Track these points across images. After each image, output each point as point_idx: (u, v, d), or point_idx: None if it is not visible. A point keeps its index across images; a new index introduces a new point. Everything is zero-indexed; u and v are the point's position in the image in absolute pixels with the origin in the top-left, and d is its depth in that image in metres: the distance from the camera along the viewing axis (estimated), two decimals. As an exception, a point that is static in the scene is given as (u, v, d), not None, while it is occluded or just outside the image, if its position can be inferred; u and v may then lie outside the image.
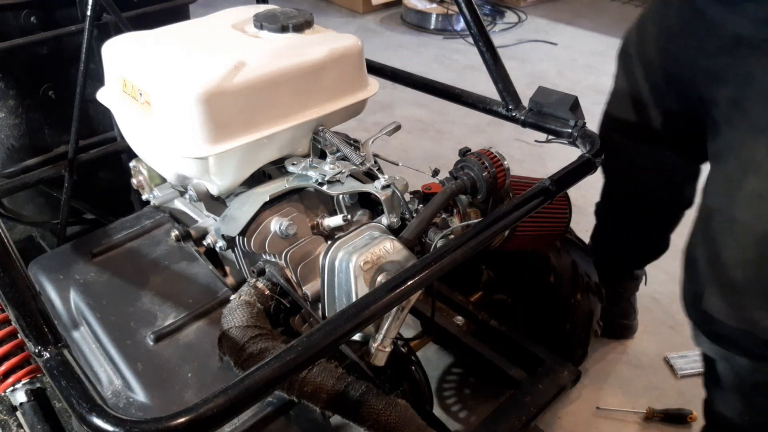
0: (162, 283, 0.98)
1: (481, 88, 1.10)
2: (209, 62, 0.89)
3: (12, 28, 1.27)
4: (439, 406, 1.49)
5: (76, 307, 0.95)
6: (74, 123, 1.17)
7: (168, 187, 1.12)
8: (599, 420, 1.48)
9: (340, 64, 0.96)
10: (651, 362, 1.62)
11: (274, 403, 0.84)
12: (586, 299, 1.34)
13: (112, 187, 1.45)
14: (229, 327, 0.82)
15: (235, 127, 0.88)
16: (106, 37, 1.01)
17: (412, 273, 0.71)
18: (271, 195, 0.93)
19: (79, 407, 0.53)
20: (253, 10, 1.05)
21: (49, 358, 0.57)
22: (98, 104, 1.00)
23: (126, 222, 1.09)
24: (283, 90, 0.91)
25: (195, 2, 1.50)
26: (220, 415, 0.54)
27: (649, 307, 1.79)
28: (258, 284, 0.90)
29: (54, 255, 1.05)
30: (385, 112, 2.74)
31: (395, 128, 1.05)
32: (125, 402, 0.83)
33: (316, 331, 0.62)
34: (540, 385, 1.17)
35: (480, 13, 1.05)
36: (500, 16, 3.86)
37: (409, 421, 0.83)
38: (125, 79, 0.94)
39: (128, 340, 0.89)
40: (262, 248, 0.91)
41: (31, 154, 1.39)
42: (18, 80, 1.31)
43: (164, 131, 0.89)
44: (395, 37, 3.69)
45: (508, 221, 0.81)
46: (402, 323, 0.83)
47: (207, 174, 0.93)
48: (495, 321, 1.33)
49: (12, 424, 0.86)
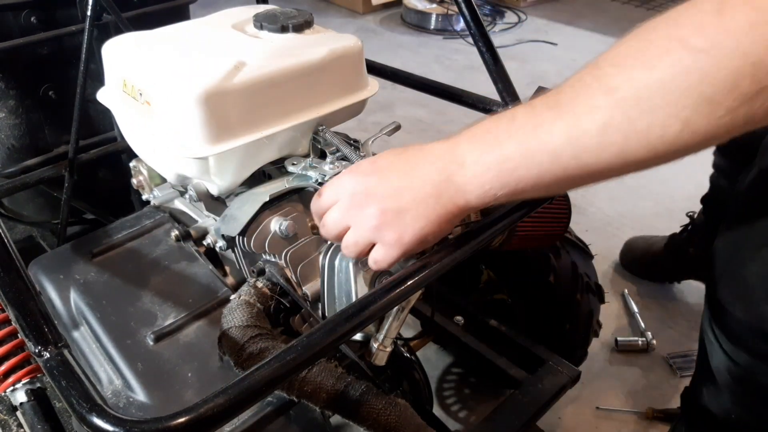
0: (162, 283, 0.98)
1: (481, 88, 1.10)
2: (209, 62, 0.89)
3: (12, 28, 1.27)
4: (439, 405, 1.49)
5: (76, 307, 0.95)
6: (74, 123, 1.17)
7: (168, 187, 1.12)
8: (599, 420, 1.48)
9: (340, 64, 0.96)
10: (651, 362, 1.63)
11: (273, 403, 0.84)
12: (586, 299, 1.34)
13: (112, 187, 1.45)
14: (229, 327, 0.82)
15: (235, 127, 0.88)
16: (106, 37, 1.01)
17: (412, 273, 0.71)
18: (271, 195, 0.93)
19: (80, 407, 0.53)
20: (253, 10, 1.05)
21: (49, 358, 0.57)
22: (98, 104, 1.00)
23: (126, 222, 1.09)
24: (283, 90, 0.91)
25: (195, 2, 1.50)
26: (221, 414, 0.54)
27: (649, 307, 1.79)
28: (258, 284, 0.90)
29: (54, 255, 1.05)
30: (385, 112, 2.74)
31: (395, 128, 1.05)
32: (125, 401, 0.84)
33: (316, 331, 0.62)
34: (540, 385, 1.17)
35: (480, 13, 1.05)
36: (500, 17, 3.86)
37: (409, 420, 0.83)
38: (125, 79, 0.94)
39: (128, 340, 0.89)
40: (262, 248, 0.91)
41: (31, 154, 1.39)
42: (18, 80, 1.31)
43: (164, 131, 0.89)
44: (395, 37, 3.69)
45: (508, 221, 0.81)
46: (402, 323, 0.84)
47: (207, 174, 0.93)
48: (495, 321, 1.33)
49: (12, 424, 0.86)
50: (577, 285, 1.32)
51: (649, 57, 0.50)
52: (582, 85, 0.55)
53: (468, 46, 3.43)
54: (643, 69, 0.50)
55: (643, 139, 0.51)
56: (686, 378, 1.55)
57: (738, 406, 1.04)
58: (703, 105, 0.48)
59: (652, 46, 0.50)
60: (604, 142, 0.53)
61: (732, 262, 0.95)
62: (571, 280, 1.31)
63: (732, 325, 0.97)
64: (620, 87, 0.51)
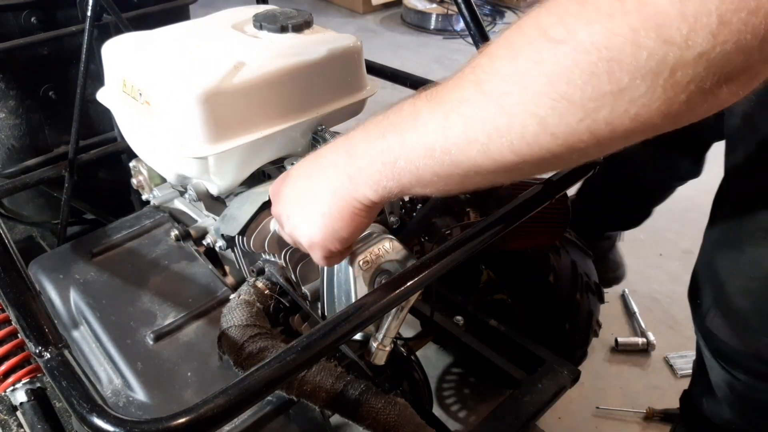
0: (162, 283, 0.98)
1: (480, 88, 1.10)
2: (209, 62, 0.89)
3: (12, 29, 1.27)
4: (439, 405, 1.49)
5: (76, 307, 0.95)
6: (74, 123, 1.17)
7: (168, 187, 1.12)
8: (599, 420, 1.48)
9: (340, 64, 0.97)
10: (651, 362, 1.63)
11: (273, 402, 0.84)
12: (585, 299, 1.34)
13: (112, 187, 1.45)
14: (229, 326, 0.82)
15: (234, 127, 0.88)
16: (106, 37, 1.01)
17: (411, 273, 0.71)
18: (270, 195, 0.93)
19: (80, 407, 0.53)
20: (253, 10, 1.05)
21: (49, 358, 0.58)
22: (98, 104, 1.00)
23: (126, 222, 1.10)
24: (283, 90, 0.91)
25: (195, 2, 1.50)
26: (221, 415, 0.54)
27: (649, 307, 1.79)
28: (257, 284, 0.90)
29: (54, 255, 1.05)
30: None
31: (395, 128, 1.05)
32: (125, 401, 0.84)
33: (315, 332, 0.62)
34: (540, 385, 1.17)
35: (480, 14, 1.05)
36: (500, 16, 3.86)
37: (408, 420, 0.83)
38: (125, 79, 0.94)
39: (128, 340, 0.90)
40: (262, 248, 0.91)
41: (31, 155, 1.39)
42: (18, 81, 1.31)
43: (164, 131, 0.89)
44: (395, 37, 3.69)
45: (508, 221, 0.81)
46: (402, 322, 0.84)
47: (207, 174, 0.93)
48: (495, 321, 1.33)
49: (12, 423, 0.86)
50: (576, 285, 1.32)
51: (515, 48, 0.45)
52: (460, 76, 0.50)
53: (468, 46, 3.43)
54: (507, 60, 0.46)
55: (504, 137, 0.46)
56: (686, 378, 1.55)
57: (739, 419, 1.04)
58: (559, 103, 0.43)
59: (520, 35, 0.45)
60: (470, 139, 0.48)
61: (721, 293, 0.94)
62: (571, 280, 1.32)
63: (726, 351, 0.96)
64: (486, 79, 0.47)
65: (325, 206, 0.62)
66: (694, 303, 1.03)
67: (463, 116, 0.49)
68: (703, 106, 0.41)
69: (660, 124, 0.42)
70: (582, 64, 0.41)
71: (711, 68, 0.38)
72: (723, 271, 0.93)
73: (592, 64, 0.40)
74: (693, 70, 0.38)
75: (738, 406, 1.02)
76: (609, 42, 0.39)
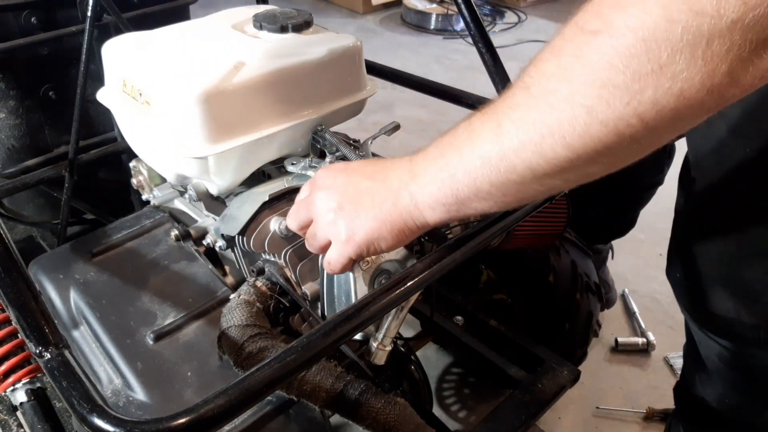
0: (162, 283, 0.98)
1: (481, 88, 1.10)
2: (209, 62, 0.89)
3: (12, 29, 1.28)
4: (439, 405, 1.49)
5: (76, 307, 0.95)
6: (74, 123, 1.17)
7: (168, 187, 1.12)
8: (599, 420, 1.48)
9: (340, 64, 0.97)
10: (651, 362, 1.63)
11: (273, 402, 0.84)
12: (585, 299, 1.34)
13: (112, 187, 1.46)
14: (229, 326, 0.82)
15: (234, 127, 0.88)
16: (106, 37, 1.01)
17: (411, 273, 0.71)
18: (270, 195, 0.94)
19: (80, 408, 0.53)
20: (253, 10, 1.05)
21: (50, 358, 0.58)
22: (98, 104, 1.00)
23: (126, 222, 1.10)
24: (283, 90, 0.91)
25: (195, 2, 1.50)
26: (221, 415, 0.55)
27: (649, 307, 1.79)
28: (257, 283, 0.90)
29: (54, 255, 1.05)
30: (385, 112, 2.74)
31: (395, 128, 1.05)
32: (125, 401, 0.84)
33: (315, 332, 0.62)
34: (540, 384, 1.17)
35: (480, 14, 1.05)
36: (500, 17, 3.87)
37: (408, 419, 0.83)
38: (125, 79, 0.94)
39: (128, 340, 0.90)
40: (262, 248, 0.92)
41: (31, 155, 1.40)
42: (18, 81, 1.31)
43: (164, 131, 0.89)
44: (395, 37, 3.69)
45: (508, 221, 0.81)
46: (402, 322, 0.84)
47: (207, 174, 0.93)
48: (495, 321, 1.33)
49: (12, 423, 0.86)
50: (576, 285, 1.32)
51: (557, 48, 0.48)
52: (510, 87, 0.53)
53: (468, 46, 3.43)
54: (551, 61, 0.48)
55: (556, 133, 0.48)
56: (686, 378, 1.56)
57: (731, 390, 1.04)
58: (604, 90, 0.44)
59: (561, 37, 0.48)
60: (523, 141, 0.50)
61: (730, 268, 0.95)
62: (571, 280, 1.32)
63: (722, 324, 0.97)
64: (533, 82, 0.50)
65: (382, 213, 0.64)
66: (674, 278, 1.04)
67: (515, 121, 0.51)
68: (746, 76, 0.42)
69: (706, 101, 0.43)
70: (620, 48, 0.43)
71: (746, 35, 0.39)
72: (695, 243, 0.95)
73: (630, 46, 0.42)
74: (729, 38, 0.39)
75: (730, 376, 1.03)
76: (643, 22, 0.41)
